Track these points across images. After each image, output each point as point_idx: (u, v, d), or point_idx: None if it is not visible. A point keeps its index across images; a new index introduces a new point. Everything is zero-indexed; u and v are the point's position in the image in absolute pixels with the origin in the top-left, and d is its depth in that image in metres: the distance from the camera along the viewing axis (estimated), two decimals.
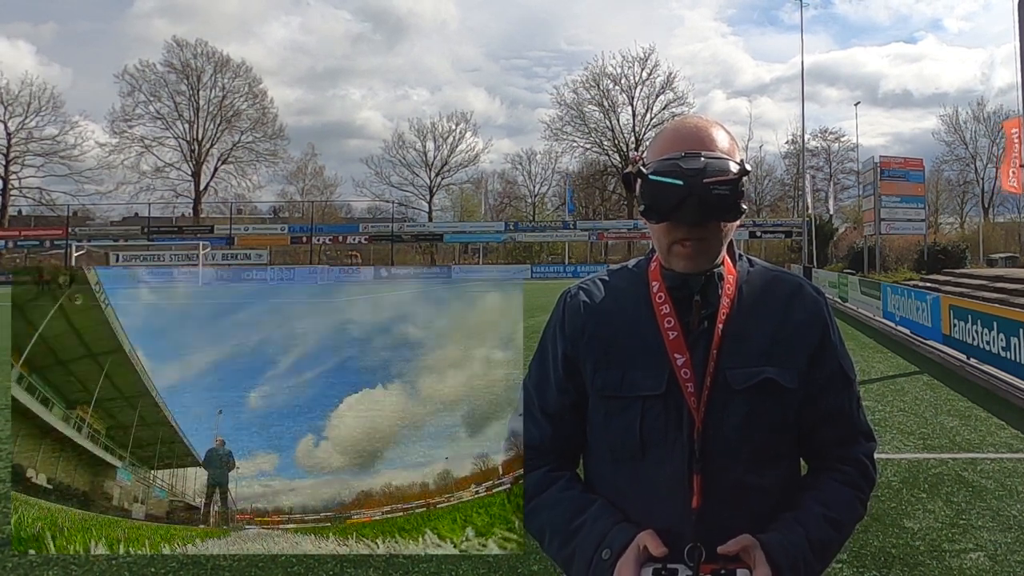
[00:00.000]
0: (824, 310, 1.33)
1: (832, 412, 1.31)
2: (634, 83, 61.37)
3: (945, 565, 3.70)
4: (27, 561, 3.71)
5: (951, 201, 59.59)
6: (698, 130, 1.25)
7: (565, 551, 1.25)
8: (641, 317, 1.29)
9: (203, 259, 40.35)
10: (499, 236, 52.42)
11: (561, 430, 1.35)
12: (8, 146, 54.42)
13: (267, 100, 61.16)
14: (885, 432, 6.49)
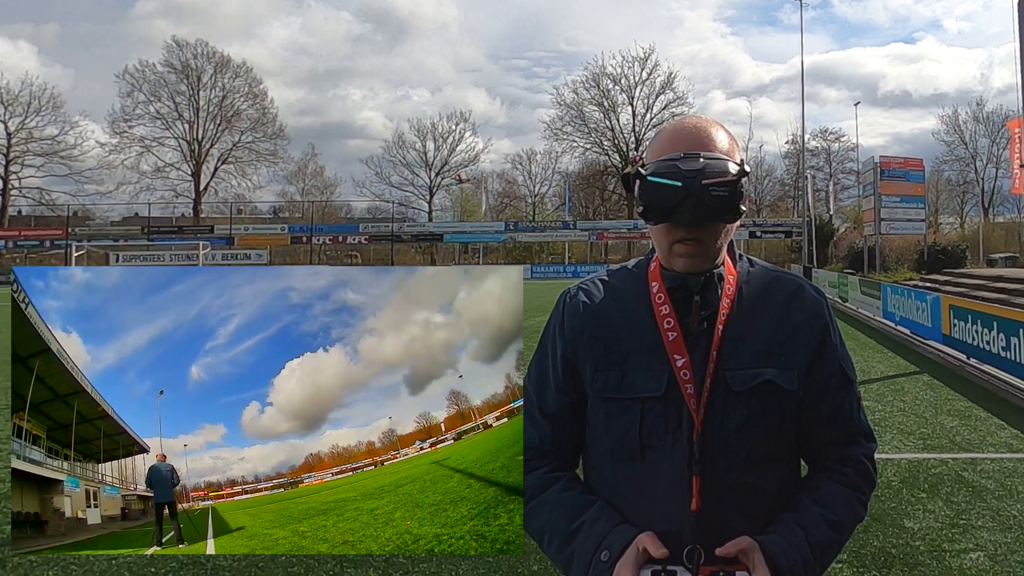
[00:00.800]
0: (824, 310, 1.32)
1: (832, 413, 1.31)
2: (634, 83, 61.44)
3: (945, 565, 3.70)
4: (27, 561, 3.71)
5: (951, 201, 59.61)
6: (697, 130, 1.25)
7: (564, 552, 1.25)
8: (641, 318, 1.29)
9: (203, 259, 40.34)
10: (499, 236, 52.43)
11: (560, 431, 1.35)
12: (8, 146, 54.46)
13: (267, 100, 61.30)
14: (885, 432, 6.49)
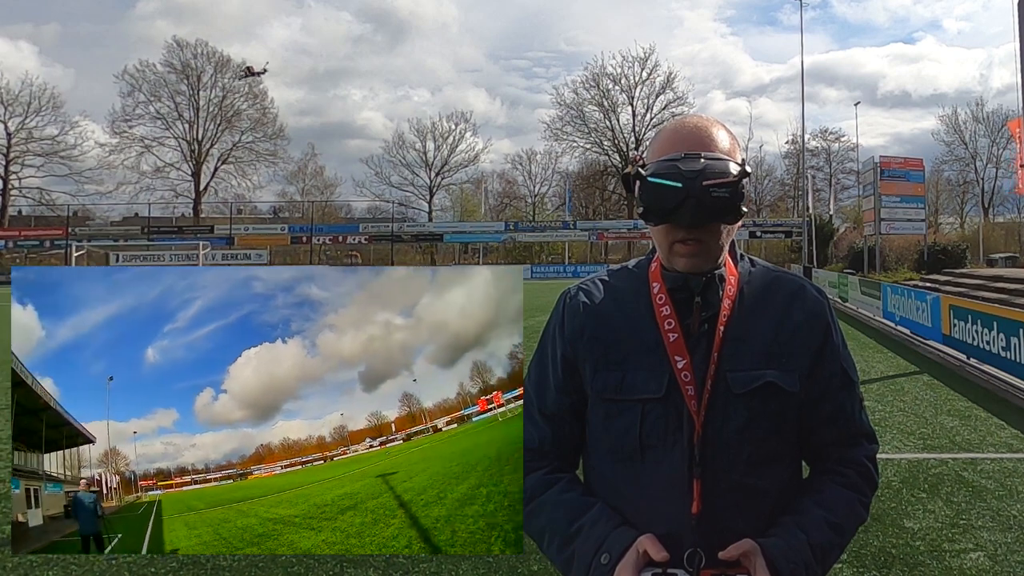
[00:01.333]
0: (826, 311, 1.32)
1: (833, 414, 1.30)
2: (634, 83, 61.44)
3: (945, 565, 3.70)
4: (27, 561, 3.71)
5: (951, 201, 59.60)
6: (698, 130, 1.24)
7: (564, 554, 1.24)
8: (641, 318, 1.28)
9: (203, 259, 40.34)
10: (499, 236, 52.42)
11: (560, 431, 1.34)
12: (8, 146, 54.43)
13: (267, 100, 61.25)
14: (885, 432, 6.49)
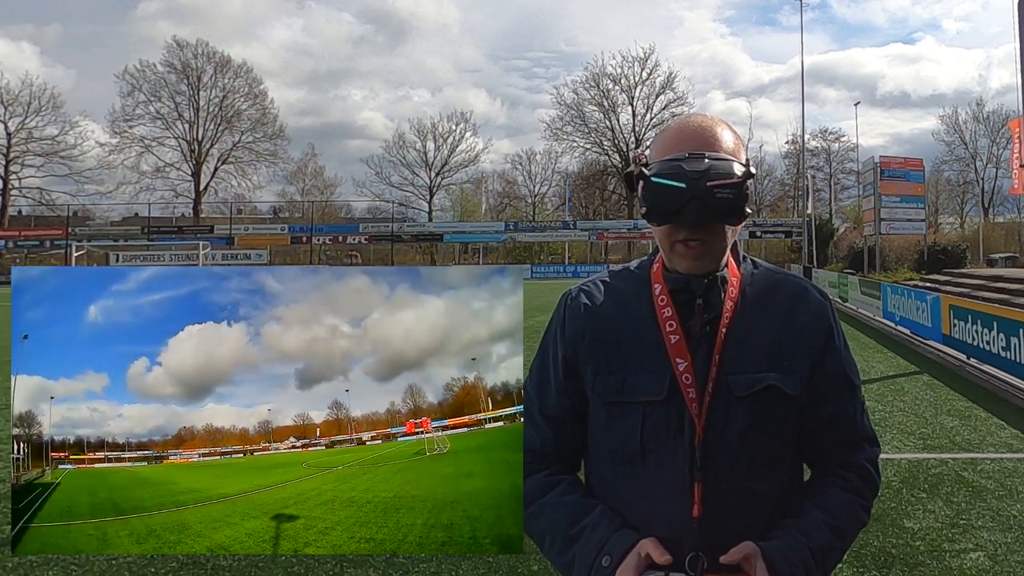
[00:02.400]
0: (829, 313, 1.31)
1: (835, 417, 1.30)
2: (634, 83, 61.44)
3: (945, 565, 3.70)
4: (27, 561, 3.71)
5: (951, 201, 59.62)
6: (702, 130, 1.23)
7: (565, 557, 1.24)
8: (642, 320, 1.27)
9: (203, 259, 40.33)
10: (499, 236, 52.43)
11: (561, 433, 1.34)
12: (8, 146, 54.42)
13: (267, 100, 61.28)
14: (885, 432, 6.48)
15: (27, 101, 54.55)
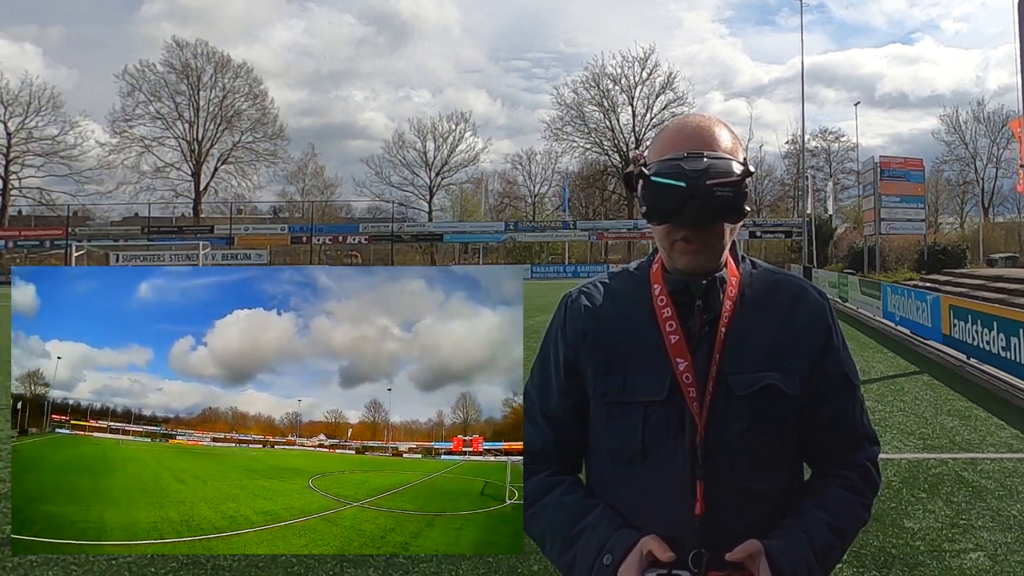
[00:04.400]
0: (827, 314, 1.31)
1: (834, 417, 1.30)
2: (634, 83, 61.43)
3: (945, 565, 3.70)
4: (27, 561, 3.71)
5: (951, 201, 59.61)
6: (701, 129, 1.23)
7: (566, 557, 1.24)
8: (642, 321, 1.28)
9: (203, 259, 40.33)
10: (499, 236, 52.43)
11: (562, 434, 1.34)
12: (8, 146, 54.42)
13: (267, 100, 61.25)
14: (885, 432, 6.48)
15: (27, 101, 54.63)
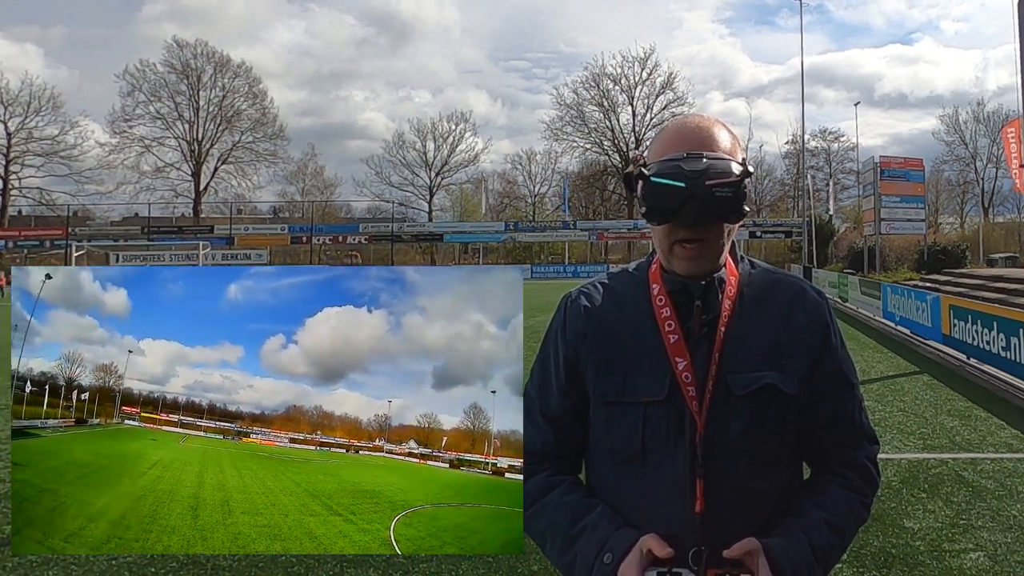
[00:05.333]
0: (826, 313, 1.32)
1: (833, 416, 1.31)
2: (634, 83, 61.44)
3: (945, 565, 3.70)
4: (27, 561, 3.71)
5: (951, 201, 59.60)
6: (700, 130, 1.24)
7: (567, 556, 1.25)
8: (642, 321, 1.28)
9: (203, 259, 40.35)
10: (499, 236, 52.43)
11: (562, 434, 1.34)
12: (8, 146, 54.42)
13: (267, 100, 61.28)
14: (885, 432, 6.48)
15: (27, 101, 54.63)
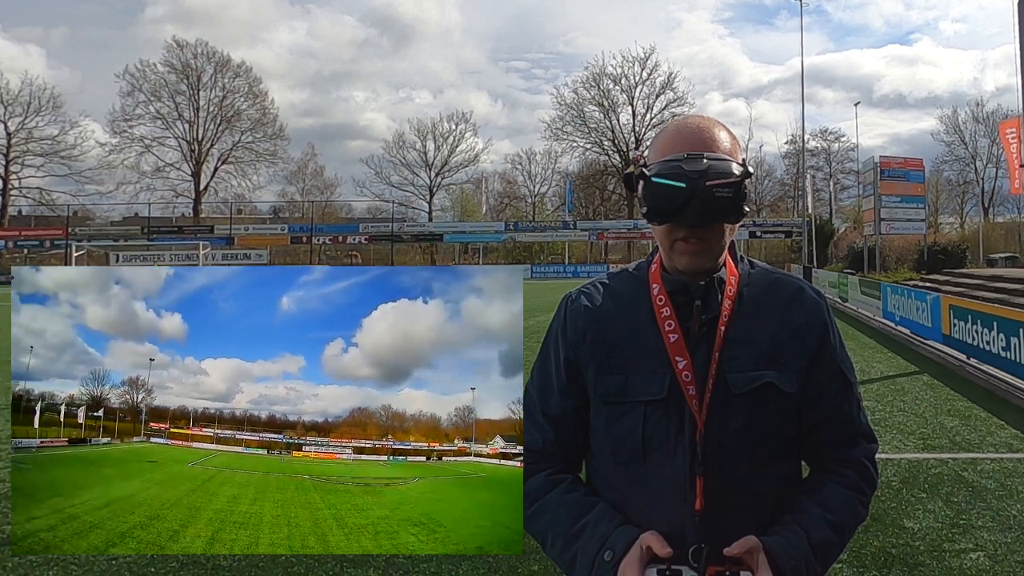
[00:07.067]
0: (824, 313, 1.32)
1: (832, 415, 1.31)
2: (634, 83, 61.43)
3: (945, 565, 3.70)
4: (27, 561, 3.71)
5: (951, 201, 59.60)
6: (700, 130, 1.24)
7: (567, 554, 1.25)
8: (642, 320, 1.29)
9: (203, 259, 40.34)
10: (499, 236, 52.43)
11: (563, 434, 1.35)
12: (8, 146, 54.41)
13: (267, 100, 61.26)
14: (885, 432, 6.49)
15: (27, 101, 54.63)
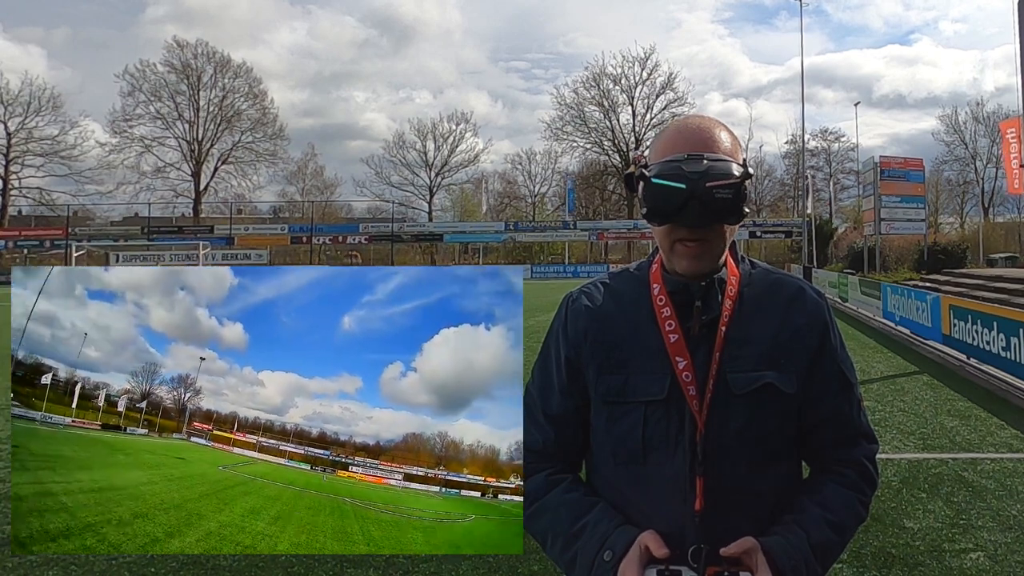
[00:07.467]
0: (825, 313, 1.32)
1: (832, 415, 1.31)
2: (634, 83, 61.41)
3: (945, 565, 3.70)
4: (27, 561, 3.71)
5: (951, 201, 59.56)
6: (701, 131, 1.24)
7: (567, 554, 1.25)
8: (642, 320, 1.29)
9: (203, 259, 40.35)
10: (499, 236, 52.44)
11: (563, 434, 1.35)
12: (8, 146, 54.41)
13: (267, 100, 61.25)
14: (885, 432, 6.49)
15: (27, 101, 54.62)
